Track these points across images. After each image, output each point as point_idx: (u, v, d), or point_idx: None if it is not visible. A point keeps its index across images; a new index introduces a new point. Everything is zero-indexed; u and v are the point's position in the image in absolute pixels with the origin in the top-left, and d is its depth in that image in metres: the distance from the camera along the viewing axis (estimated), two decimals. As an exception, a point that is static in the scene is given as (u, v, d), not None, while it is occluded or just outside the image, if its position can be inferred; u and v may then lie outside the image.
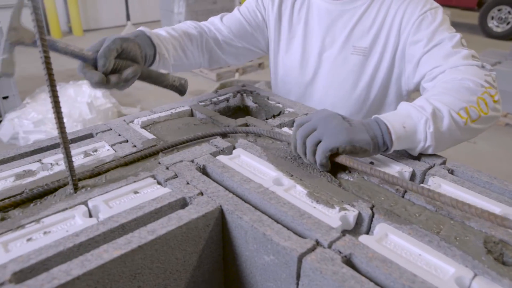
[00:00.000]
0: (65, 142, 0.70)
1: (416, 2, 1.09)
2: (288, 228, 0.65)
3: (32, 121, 3.38)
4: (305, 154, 0.80)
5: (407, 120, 0.82)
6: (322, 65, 1.20)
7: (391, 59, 1.14)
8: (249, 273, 0.71)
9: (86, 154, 0.87)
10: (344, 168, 0.83)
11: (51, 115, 3.46)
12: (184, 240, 0.67)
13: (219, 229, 0.72)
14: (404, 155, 0.88)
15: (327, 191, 0.75)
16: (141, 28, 1.01)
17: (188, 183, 0.75)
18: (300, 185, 0.76)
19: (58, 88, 3.75)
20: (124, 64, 0.86)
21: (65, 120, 2.37)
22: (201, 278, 0.73)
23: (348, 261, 0.60)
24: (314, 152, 0.79)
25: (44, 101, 3.83)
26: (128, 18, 6.13)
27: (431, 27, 1.05)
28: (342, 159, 0.79)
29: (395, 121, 0.81)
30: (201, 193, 0.73)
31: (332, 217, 0.68)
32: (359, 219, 0.70)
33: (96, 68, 0.84)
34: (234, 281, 0.76)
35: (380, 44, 1.13)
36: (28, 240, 0.63)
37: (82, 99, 3.60)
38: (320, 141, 0.78)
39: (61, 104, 0.74)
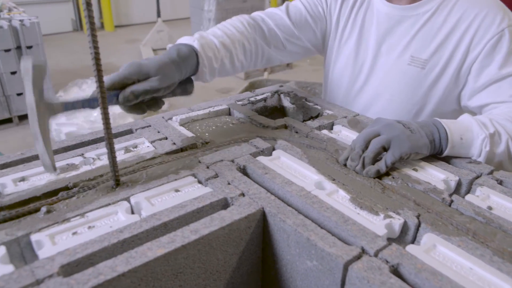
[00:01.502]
0: (109, 138, 0.71)
1: (493, 17, 0.98)
2: (332, 234, 0.64)
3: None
4: (360, 158, 0.80)
5: (466, 133, 0.85)
6: (375, 73, 1.14)
7: (454, 75, 1.04)
8: (289, 277, 0.70)
9: (127, 150, 0.87)
10: (387, 173, 0.81)
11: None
12: (225, 241, 0.66)
13: (259, 231, 0.71)
14: (446, 162, 0.86)
15: (370, 197, 0.73)
16: (194, 44, 0.92)
17: (229, 183, 0.75)
18: (342, 189, 0.75)
19: (89, 82, 3.81)
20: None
21: (95, 114, 2.40)
22: (240, 279, 0.73)
23: (396, 271, 0.58)
24: (375, 155, 0.79)
25: (76, 94, 3.91)
26: (158, 14, 6.19)
27: (507, 49, 0.96)
28: None
29: (455, 129, 0.84)
30: (243, 194, 0.72)
31: (377, 224, 0.66)
32: (404, 227, 0.68)
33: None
34: (272, 284, 0.75)
35: (443, 58, 1.03)
36: (74, 234, 0.63)
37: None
38: (384, 146, 0.79)
39: None
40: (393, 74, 1.10)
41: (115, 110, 1.37)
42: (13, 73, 3.53)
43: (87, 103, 0.75)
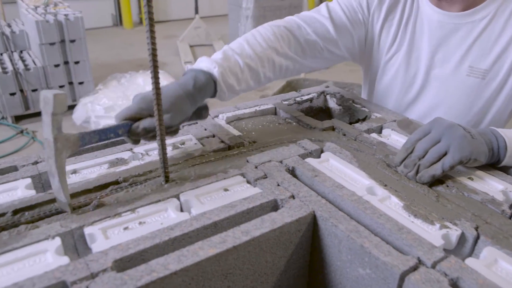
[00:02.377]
0: (162, 134, 0.71)
1: None
2: (386, 242, 0.62)
3: (103, 106, 3.52)
4: (414, 166, 0.77)
5: None
6: (430, 84, 1.08)
7: None
8: (338, 284, 0.68)
9: (174, 146, 0.87)
10: (440, 181, 0.78)
11: (120, 102, 3.59)
12: (275, 243, 0.65)
13: (309, 235, 0.70)
14: (503, 172, 0.82)
15: (424, 205, 0.71)
16: (214, 71, 0.85)
17: (278, 185, 0.74)
18: (395, 196, 0.72)
19: (128, 76, 3.88)
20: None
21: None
22: (286, 283, 0.71)
23: (455, 286, 0.55)
24: (431, 164, 0.76)
25: (114, 88, 3.99)
26: (196, 11, 6.24)
27: None
28: None
29: None
30: (293, 196, 0.71)
31: (432, 234, 0.63)
32: (461, 239, 0.65)
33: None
34: (319, 289, 0.73)
35: (504, 67, 0.98)
36: (125, 229, 0.64)
37: (150, 88, 3.70)
38: (445, 154, 0.76)
39: (130, 92, 0.74)
40: (450, 85, 1.05)
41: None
42: (57, 65, 3.63)
43: (103, 135, 0.72)
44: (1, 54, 3.76)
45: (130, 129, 0.74)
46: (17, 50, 3.93)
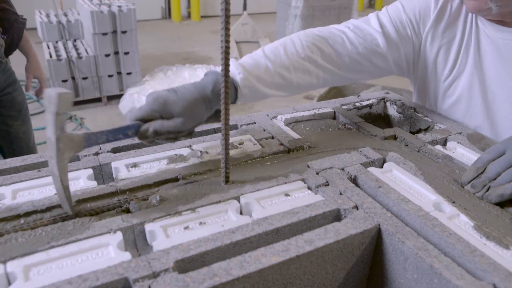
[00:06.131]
0: (226, 134, 0.70)
1: None
2: (457, 264, 0.58)
3: (149, 98, 3.57)
4: (483, 187, 0.72)
5: None
6: (500, 105, 0.98)
7: None
8: (400, 302, 0.65)
9: (233, 146, 0.86)
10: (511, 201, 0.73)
11: (166, 94, 3.63)
12: (338, 255, 0.62)
13: (371, 249, 0.67)
14: None
15: (497, 227, 0.66)
16: (238, 77, 0.81)
17: (341, 193, 0.71)
18: (464, 214, 0.68)
19: (174, 69, 3.92)
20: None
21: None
22: (343, 296, 0.69)
23: (536, 318, 0.51)
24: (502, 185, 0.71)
25: (161, 80, 4.04)
26: (244, 7, 6.24)
27: None
28: None
29: None
30: (356, 207, 0.68)
31: (508, 260, 0.59)
32: (540, 267, 0.61)
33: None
34: (377, 305, 0.70)
35: None
36: (185, 228, 0.63)
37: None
38: None
39: (176, 85, 0.72)
40: None
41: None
42: (107, 55, 3.72)
43: (111, 135, 0.69)
44: (57, 42, 3.89)
45: (139, 130, 0.72)
46: (71, 39, 4.06)
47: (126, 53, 3.84)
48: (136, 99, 3.72)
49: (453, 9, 0.99)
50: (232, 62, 0.81)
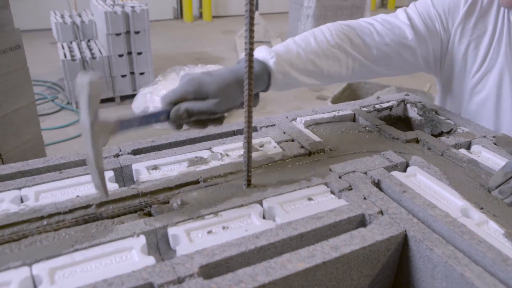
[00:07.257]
0: (249, 137, 0.69)
1: None
2: (489, 273, 0.56)
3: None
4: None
5: None
6: None
7: None
8: (426, 311, 0.64)
9: (254, 148, 0.85)
10: (543, 209, 0.71)
11: (179, 94, 3.64)
12: (363, 261, 0.61)
13: (397, 255, 0.65)
14: None
15: (528, 234, 0.65)
16: (270, 62, 0.80)
17: (365, 198, 0.70)
18: (493, 221, 0.67)
19: (186, 69, 3.93)
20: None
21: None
22: (367, 302, 0.68)
23: None
24: None
25: (173, 80, 4.06)
26: (256, 7, 6.24)
27: None
28: None
29: None
30: (381, 212, 0.67)
31: (541, 268, 0.58)
32: None
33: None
34: (401, 313, 0.69)
35: None
36: (209, 232, 0.62)
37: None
38: None
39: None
40: None
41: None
42: (120, 55, 3.74)
43: (144, 120, 0.69)
44: (71, 42, 3.92)
45: (169, 115, 0.71)
46: (85, 39, 4.08)
47: (139, 53, 3.85)
48: (149, 99, 3.74)
49: (484, 3, 0.98)
50: (263, 47, 0.82)
